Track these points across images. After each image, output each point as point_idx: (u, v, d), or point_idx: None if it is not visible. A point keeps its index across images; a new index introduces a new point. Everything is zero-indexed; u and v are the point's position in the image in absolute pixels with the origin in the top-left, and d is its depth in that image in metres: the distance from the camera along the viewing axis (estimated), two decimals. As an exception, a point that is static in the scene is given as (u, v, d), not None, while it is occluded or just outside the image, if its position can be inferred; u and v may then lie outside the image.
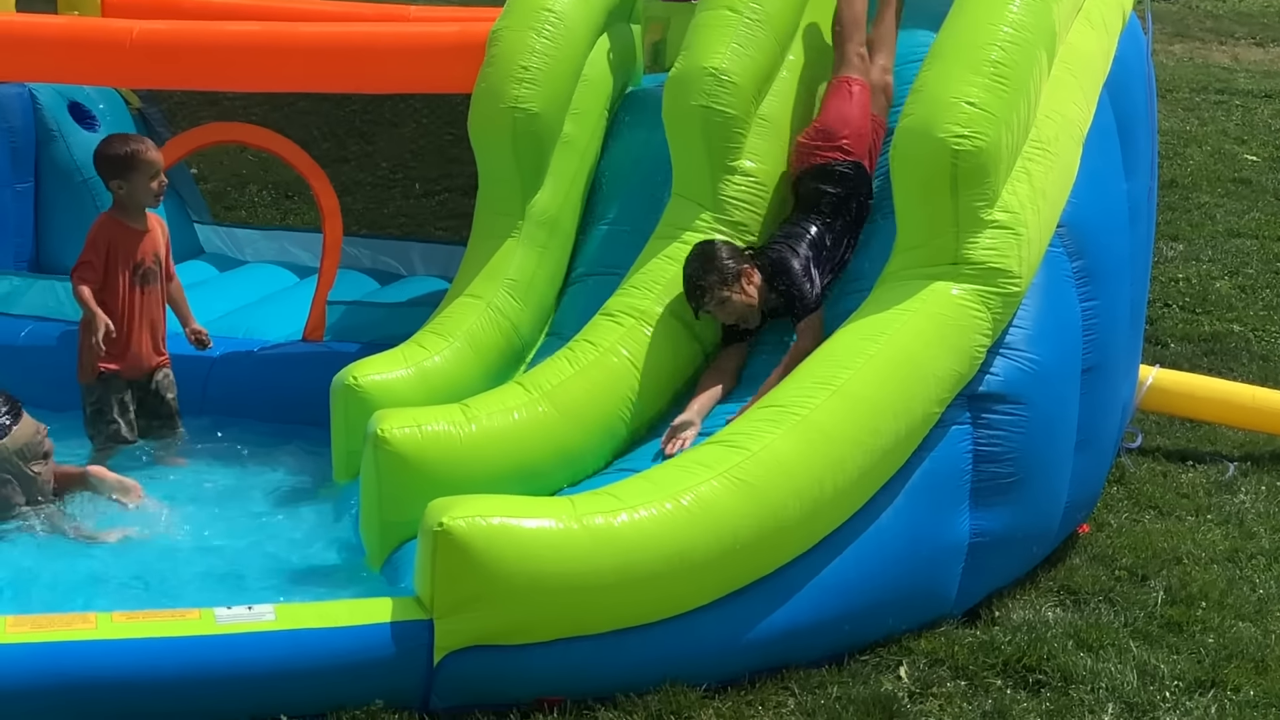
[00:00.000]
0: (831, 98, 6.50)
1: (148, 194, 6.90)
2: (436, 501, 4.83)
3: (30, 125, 8.57)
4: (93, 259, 6.81)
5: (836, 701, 4.83)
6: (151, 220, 7.02)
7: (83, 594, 5.50)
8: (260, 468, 6.96)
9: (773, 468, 5.01)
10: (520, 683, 4.74)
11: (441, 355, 6.42)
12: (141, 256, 6.92)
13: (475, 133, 6.96)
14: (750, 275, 6.04)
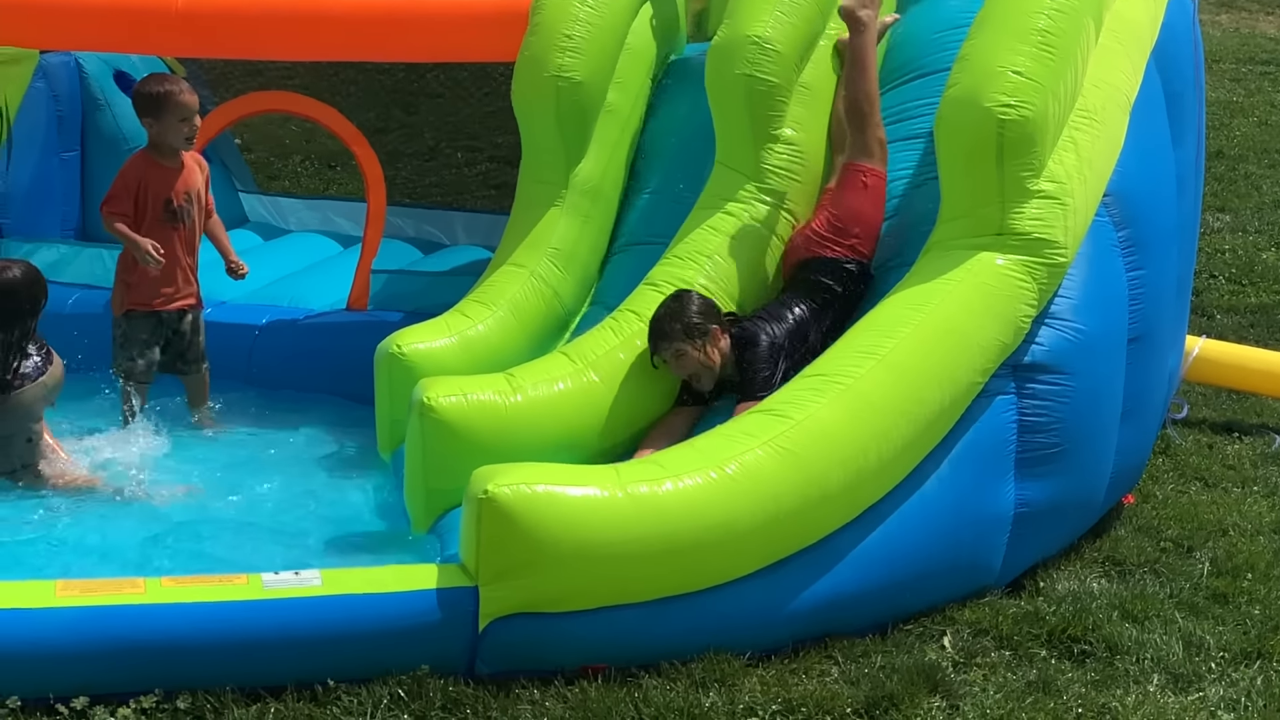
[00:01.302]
0: (847, 190, 6.17)
1: (178, 135, 6.92)
2: (481, 469, 4.85)
3: (76, 94, 8.63)
4: (121, 193, 6.88)
5: (880, 670, 4.83)
6: (188, 158, 7.04)
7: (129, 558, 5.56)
8: (304, 435, 7.01)
9: (817, 436, 5.01)
10: (564, 650, 4.76)
11: (485, 324, 6.43)
12: (173, 194, 6.94)
13: (518, 101, 6.96)
14: (718, 338, 5.77)
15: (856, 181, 6.18)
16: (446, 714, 4.52)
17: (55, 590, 4.53)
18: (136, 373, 7.00)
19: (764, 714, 4.55)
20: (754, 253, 6.32)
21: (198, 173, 7.08)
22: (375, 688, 4.56)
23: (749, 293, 6.26)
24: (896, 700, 4.64)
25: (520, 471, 4.79)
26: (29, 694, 4.42)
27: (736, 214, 6.36)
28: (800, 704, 4.60)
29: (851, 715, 4.58)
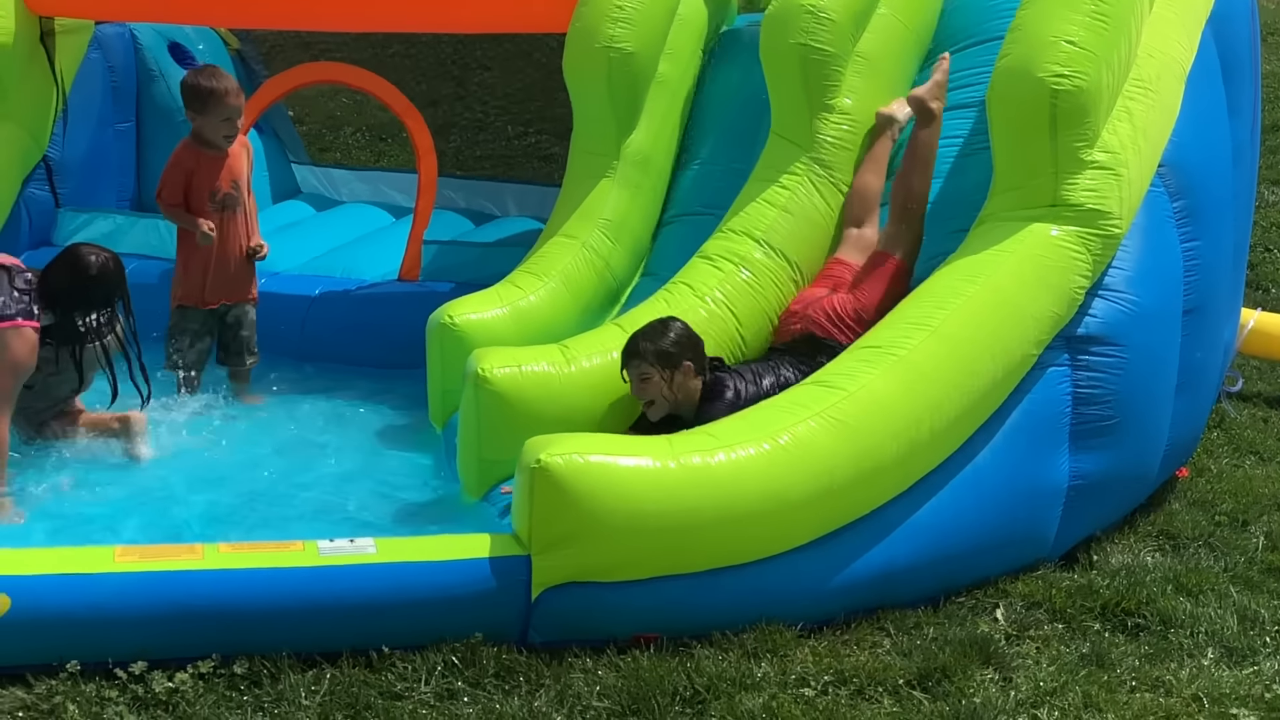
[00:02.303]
0: (878, 281, 5.92)
1: (216, 133, 6.95)
2: (535, 439, 4.86)
3: (131, 65, 8.68)
4: (171, 183, 6.96)
5: (933, 642, 4.83)
6: (234, 144, 7.07)
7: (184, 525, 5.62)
8: (356, 406, 7.05)
9: (870, 408, 5.01)
10: (617, 619, 4.77)
11: (536, 295, 6.45)
12: (219, 184, 6.99)
13: (570, 73, 6.97)
14: (688, 375, 5.55)
15: (888, 274, 5.92)
16: (500, 681, 4.54)
17: (114, 555, 4.58)
18: (186, 362, 7.06)
19: (816, 685, 4.56)
20: (808, 226, 6.31)
21: (243, 158, 7.12)
22: (429, 655, 4.59)
23: (804, 265, 6.25)
24: (949, 672, 4.63)
25: (573, 441, 4.81)
26: (88, 658, 4.47)
27: (791, 186, 6.35)
28: (852, 675, 4.61)
29: (904, 687, 4.58)
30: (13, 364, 5.75)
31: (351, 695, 4.40)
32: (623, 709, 4.41)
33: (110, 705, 4.32)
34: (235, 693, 4.43)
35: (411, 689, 4.48)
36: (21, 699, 4.34)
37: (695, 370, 5.58)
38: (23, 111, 7.77)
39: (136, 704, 4.35)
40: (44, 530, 5.53)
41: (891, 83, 6.66)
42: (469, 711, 4.38)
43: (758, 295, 6.17)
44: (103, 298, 6.00)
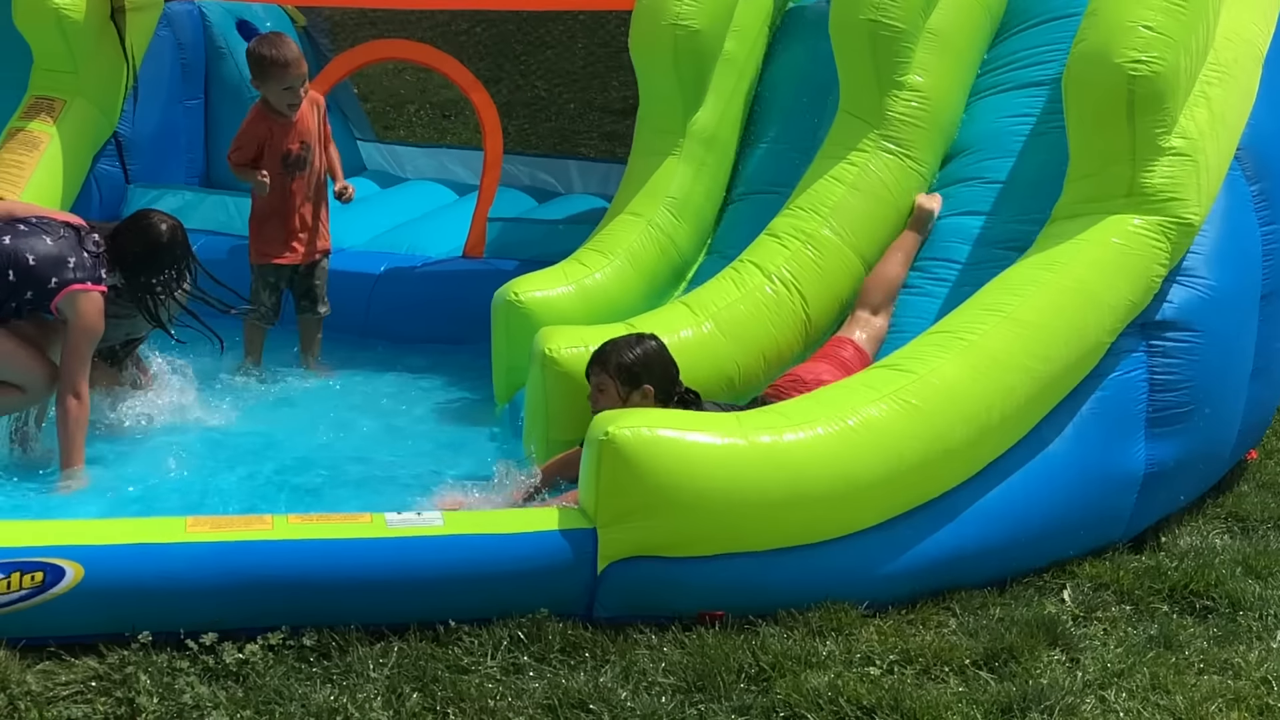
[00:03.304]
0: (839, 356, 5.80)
1: (280, 100, 7.06)
2: (604, 413, 4.87)
3: (200, 42, 8.75)
4: (242, 144, 7.12)
5: (999, 623, 4.81)
6: (302, 105, 7.13)
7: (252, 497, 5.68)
8: (421, 381, 7.10)
9: (940, 391, 4.97)
10: (682, 595, 4.77)
11: (602, 272, 6.46)
12: (288, 147, 7.07)
13: (636, 50, 6.97)
14: (647, 396, 5.36)
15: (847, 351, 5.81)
16: (565, 656, 4.56)
17: (185, 526, 4.61)
18: (259, 315, 7.20)
19: (881, 664, 4.55)
20: (877, 203, 6.28)
21: (311, 117, 7.19)
22: (495, 629, 4.61)
23: (872, 244, 6.22)
24: (1016, 653, 4.61)
25: (641, 415, 4.81)
26: (159, 628, 4.50)
27: (859, 163, 6.32)
28: (918, 654, 4.60)
29: (970, 667, 4.56)
30: (84, 328, 5.82)
31: (419, 668, 4.43)
32: (688, 685, 4.41)
33: (181, 676, 4.35)
34: (304, 664, 4.46)
35: (478, 663, 4.50)
36: (94, 669, 4.39)
37: (657, 395, 5.38)
38: (94, 88, 7.84)
39: (207, 674, 4.39)
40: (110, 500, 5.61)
41: (962, 59, 6.62)
42: (535, 686, 4.40)
43: (825, 273, 6.15)
44: (171, 263, 6.07)
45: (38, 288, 5.75)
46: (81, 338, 5.83)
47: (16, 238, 5.79)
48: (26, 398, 5.92)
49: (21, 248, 5.76)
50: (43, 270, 5.75)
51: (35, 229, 5.84)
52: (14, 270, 5.73)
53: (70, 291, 5.76)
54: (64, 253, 5.80)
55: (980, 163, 6.41)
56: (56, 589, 4.43)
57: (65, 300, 5.77)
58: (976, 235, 6.17)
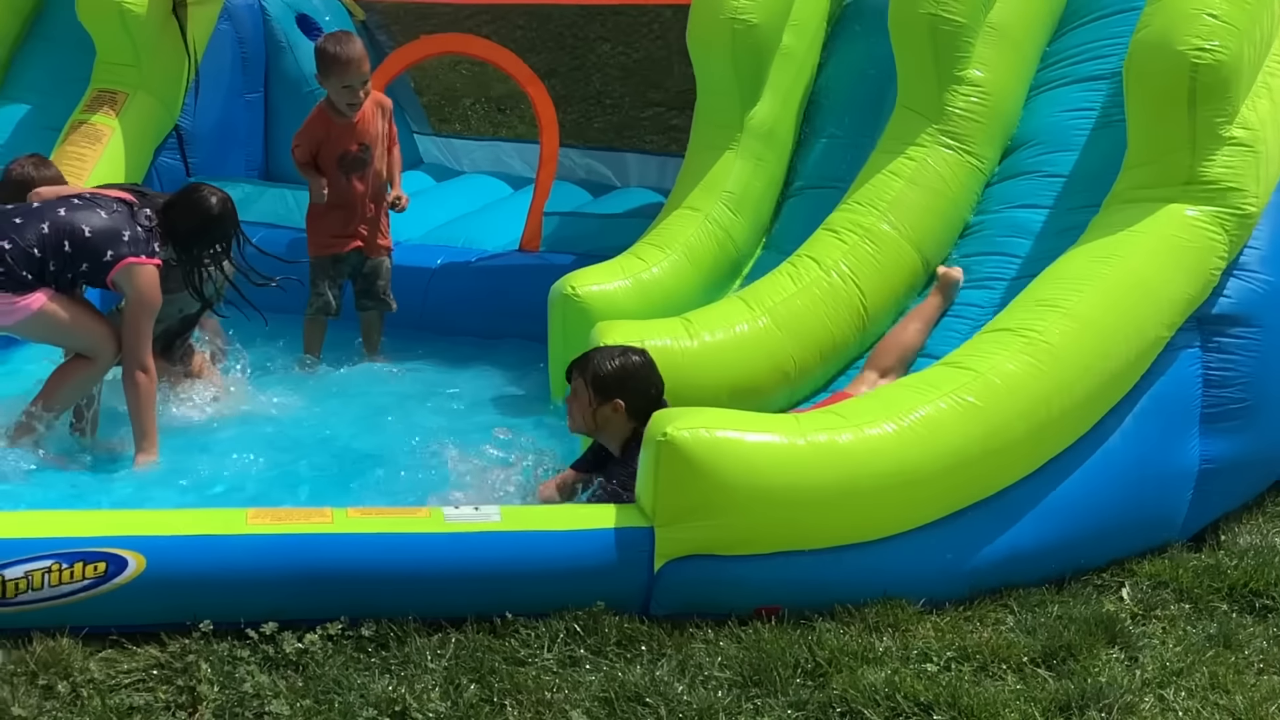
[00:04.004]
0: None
1: (339, 98, 7.10)
2: (661, 412, 4.86)
3: (260, 36, 8.81)
4: (303, 142, 7.18)
5: (1057, 620, 4.79)
6: (365, 106, 7.18)
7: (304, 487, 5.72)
8: (477, 375, 7.12)
9: (999, 388, 4.95)
10: (739, 593, 4.77)
11: (659, 267, 6.46)
12: (345, 148, 7.12)
13: (694, 44, 6.96)
14: (617, 410, 5.25)
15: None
16: (621, 650, 4.57)
17: (246, 518, 4.65)
18: (318, 307, 7.26)
19: (939, 660, 4.54)
20: (936, 198, 6.26)
21: (374, 120, 7.22)
22: (552, 622, 4.63)
23: (930, 239, 6.20)
24: (1074, 650, 4.60)
25: (699, 415, 4.80)
26: (219, 618, 4.54)
27: (918, 158, 6.30)
28: (975, 651, 4.59)
29: (1028, 664, 4.55)
30: (143, 302, 5.91)
31: (476, 660, 4.45)
32: (744, 680, 4.42)
33: (242, 664, 4.40)
34: (363, 654, 4.49)
35: (535, 655, 4.52)
36: (156, 657, 4.44)
37: (628, 411, 5.24)
38: (156, 81, 7.91)
39: (267, 663, 4.43)
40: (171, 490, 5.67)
41: (1023, 54, 6.59)
42: (591, 679, 4.41)
43: (882, 267, 6.14)
44: (221, 236, 6.12)
45: (93, 260, 5.83)
46: (141, 311, 5.91)
47: (71, 210, 5.87)
48: (96, 368, 6.00)
49: (77, 220, 5.84)
50: (98, 243, 5.82)
51: (89, 203, 5.93)
52: (70, 242, 5.81)
53: (126, 264, 5.84)
54: (118, 226, 5.88)
55: (1040, 156, 6.38)
56: (119, 579, 4.48)
57: (121, 274, 5.85)
58: (1037, 229, 6.14)
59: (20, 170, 6.46)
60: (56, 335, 5.97)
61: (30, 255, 5.76)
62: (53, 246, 5.78)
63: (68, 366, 6.00)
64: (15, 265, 5.74)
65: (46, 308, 5.82)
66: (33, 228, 5.79)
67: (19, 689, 4.24)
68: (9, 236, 5.75)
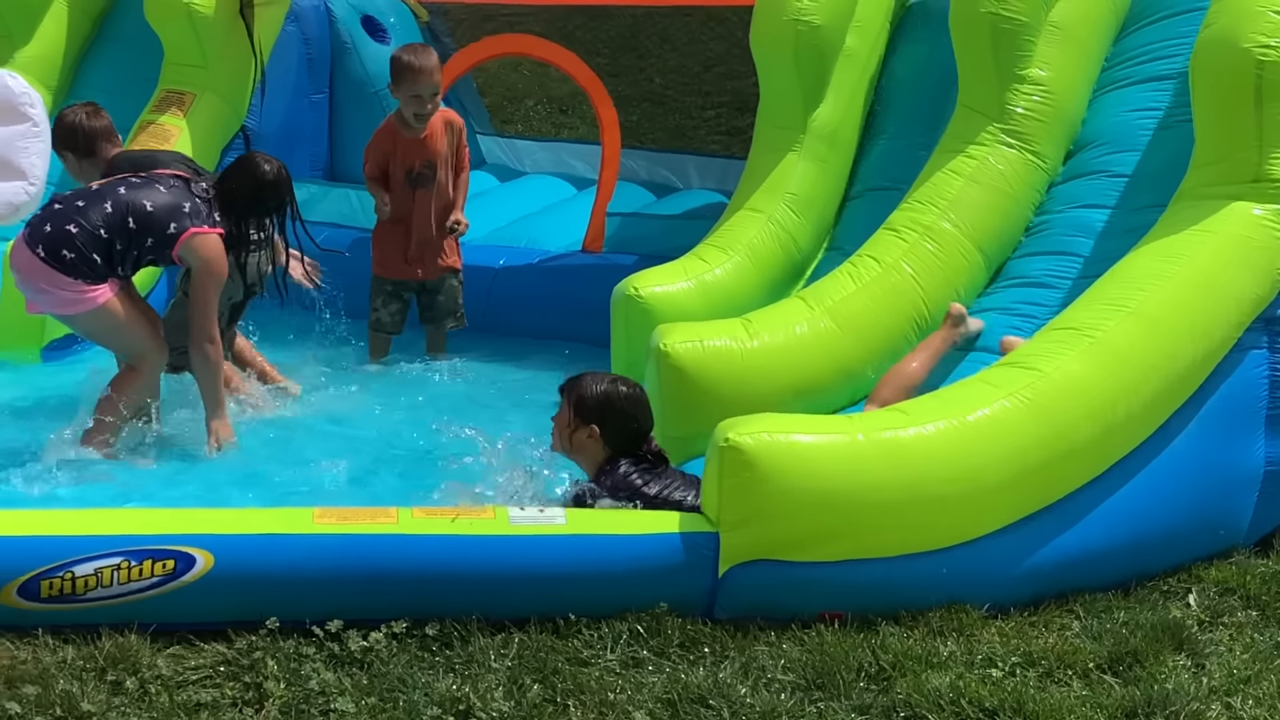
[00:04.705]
0: None
1: (407, 108, 7.15)
2: (726, 421, 4.82)
3: (326, 38, 8.88)
4: (371, 156, 7.25)
5: (1123, 626, 4.75)
6: (435, 121, 7.20)
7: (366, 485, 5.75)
8: (540, 376, 7.12)
9: (1065, 389, 4.92)
10: (803, 597, 4.74)
11: (722, 268, 6.46)
12: (411, 163, 7.16)
13: (757, 46, 6.96)
14: (592, 436, 5.17)
15: None
16: (684, 651, 4.57)
17: (313, 517, 4.68)
18: (381, 323, 7.32)
19: (1003, 665, 4.51)
20: (997, 196, 6.24)
21: (442, 137, 7.25)
22: (615, 623, 4.63)
23: (992, 237, 6.17)
24: (1140, 657, 4.56)
25: (762, 421, 4.79)
26: (285, 617, 4.57)
27: (979, 156, 6.28)
28: (1040, 657, 4.56)
29: (1094, 670, 4.51)
30: (209, 272, 6.00)
31: (539, 660, 4.46)
32: (807, 683, 4.41)
33: (308, 662, 4.42)
34: (427, 653, 4.51)
35: (598, 656, 4.52)
36: (222, 654, 4.47)
37: (603, 439, 5.16)
38: (222, 82, 7.98)
39: (333, 661, 4.45)
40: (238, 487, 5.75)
41: (1086, 53, 6.55)
42: (654, 680, 4.41)
43: (944, 265, 6.12)
44: (277, 203, 6.19)
45: (158, 234, 5.90)
46: (208, 280, 6.00)
47: (131, 189, 5.95)
48: (144, 377, 6.06)
49: (139, 197, 5.92)
50: (161, 217, 5.90)
51: (147, 180, 6.02)
52: (133, 219, 5.88)
53: (190, 235, 5.92)
54: (178, 199, 5.96)
55: (1104, 157, 6.35)
56: (186, 577, 4.52)
57: (186, 246, 5.93)
58: (1101, 229, 6.12)
59: (73, 116, 6.51)
60: (111, 334, 6.04)
61: (98, 237, 5.83)
62: (118, 226, 5.86)
63: (118, 380, 6.07)
64: (85, 249, 5.81)
65: (110, 303, 5.90)
66: (96, 209, 5.86)
67: (88, 685, 4.28)
68: (74, 220, 5.82)
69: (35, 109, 4.54)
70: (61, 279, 5.82)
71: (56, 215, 5.77)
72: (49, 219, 5.80)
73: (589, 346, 7.01)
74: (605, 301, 6.45)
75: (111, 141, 6.50)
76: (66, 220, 5.81)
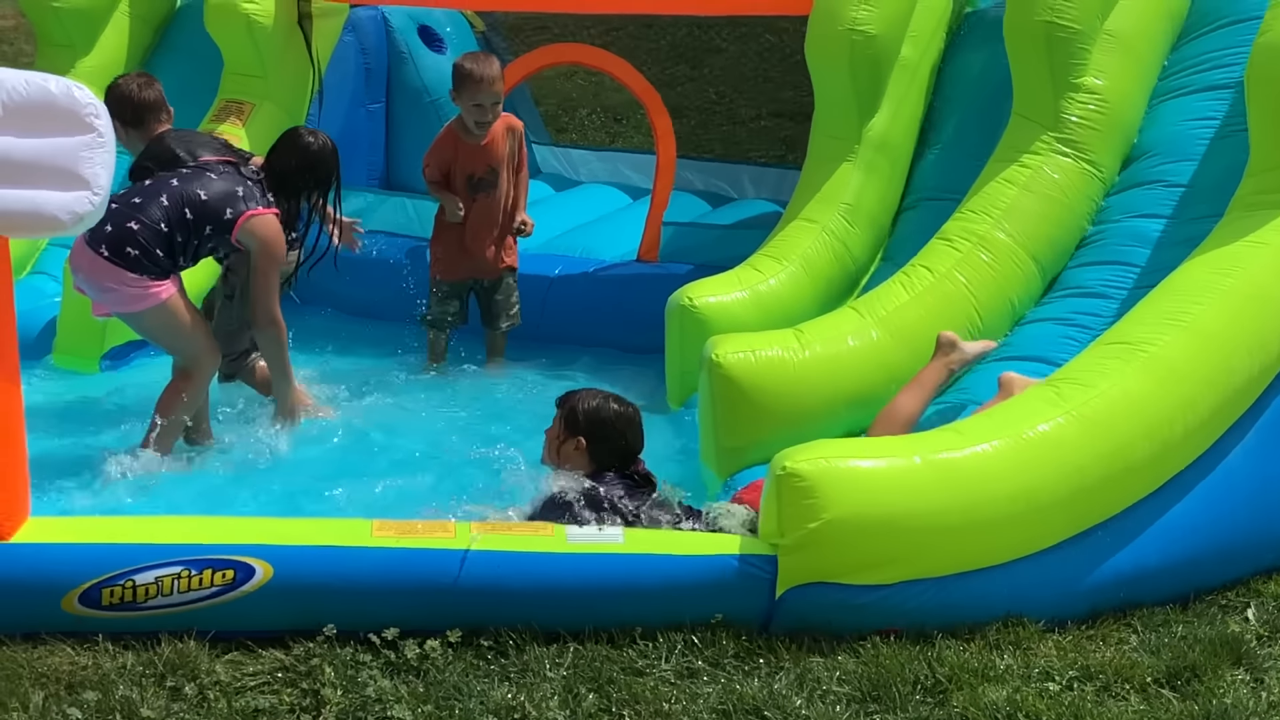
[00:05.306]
0: None
1: (469, 116, 7.19)
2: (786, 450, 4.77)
3: (382, 47, 8.93)
4: (432, 161, 7.31)
5: (1181, 641, 4.71)
6: (494, 128, 7.24)
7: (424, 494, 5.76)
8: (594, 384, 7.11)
9: (1121, 406, 4.88)
10: (860, 619, 4.71)
11: (776, 278, 6.46)
12: (473, 169, 7.20)
13: (812, 56, 6.96)
14: (579, 448, 5.25)
15: None
16: (739, 663, 4.57)
17: (371, 530, 4.70)
18: (438, 322, 7.38)
19: (1061, 679, 4.49)
20: (1052, 205, 6.23)
21: (503, 142, 7.29)
22: (670, 634, 4.63)
23: (1047, 246, 6.14)
24: (1198, 671, 4.53)
25: (820, 447, 4.76)
26: (343, 625, 4.59)
27: (1034, 166, 6.26)
28: (1098, 671, 4.53)
29: (1152, 685, 4.48)
30: (268, 252, 6.07)
31: (594, 670, 4.47)
32: (863, 695, 4.40)
33: (365, 669, 4.45)
34: (482, 662, 4.53)
35: (653, 666, 4.53)
36: (280, 660, 4.50)
37: (590, 454, 5.24)
38: (281, 92, 8.04)
39: (389, 669, 4.48)
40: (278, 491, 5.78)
41: (1142, 61, 6.52)
42: (709, 690, 4.42)
43: (997, 275, 6.11)
44: (325, 176, 6.26)
45: (216, 221, 5.97)
46: (268, 262, 6.08)
47: (184, 180, 6.02)
48: (197, 383, 6.12)
49: (192, 186, 5.99)
50: (217, 204, 5.98)
51: (196, 170, 6.09)
52: (190, 209, 5.95)
53: (247, 218, 6.00)
54: (231, 185, 6.04)
55: (1161, 166, 6.33)
56: (245, 587, 4.55)
57: (244, 230, 6.00)
58: (1157, 239, 6.08)
59: (125, 86, 6.58)
60: (169, 333, 6.09)
61: (159, 231, 5.90)
62: (176, 218, 5.93)
63: (172, 387, 6.12)
64: (148, 244, 5.88)
65: (173, 300, 5.97)
66: (154, 204, 5.93)
67: (147, 690, 4.33)
68: (134, 217, 5.89)
69: (100, 120, 4.57)
70: (126, 275, 5.89)
71: (115, 214, 5.83)
72: (108, 219, 5.86)
73: (643, 356, 7.03)
74: (660, 311, 6.47)
75: (158, 115, 6.52)
76: (126, 218, 5.88)
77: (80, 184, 4.53)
